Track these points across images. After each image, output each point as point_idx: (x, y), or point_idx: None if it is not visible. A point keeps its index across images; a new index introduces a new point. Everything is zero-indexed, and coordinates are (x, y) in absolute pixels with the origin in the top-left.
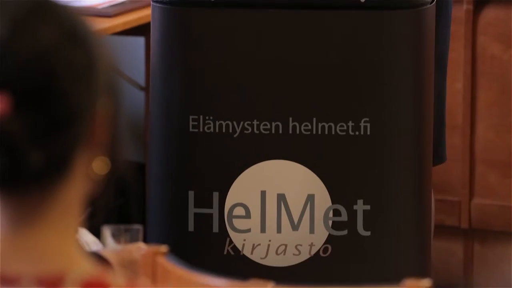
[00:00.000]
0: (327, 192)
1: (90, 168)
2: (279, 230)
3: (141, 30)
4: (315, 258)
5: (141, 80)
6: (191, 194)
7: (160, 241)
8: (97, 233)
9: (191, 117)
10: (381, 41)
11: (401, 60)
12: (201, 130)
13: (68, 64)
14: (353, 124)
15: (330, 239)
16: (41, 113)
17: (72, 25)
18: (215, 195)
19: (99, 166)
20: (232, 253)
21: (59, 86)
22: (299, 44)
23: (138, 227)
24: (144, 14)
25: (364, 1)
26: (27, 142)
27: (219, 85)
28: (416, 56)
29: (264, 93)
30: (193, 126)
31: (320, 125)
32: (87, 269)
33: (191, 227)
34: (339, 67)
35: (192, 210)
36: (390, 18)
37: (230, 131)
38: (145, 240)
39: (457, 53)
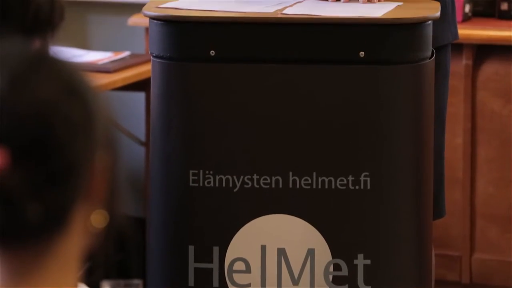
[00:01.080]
0: (327, 247)
1: (89, 222)
2: (279, 284)
3: (141, 85)
4: None
5: (141, 135)
6: (191, 248)
7: None
8: None
9: (191, 171)
10: (380, 96)
11: (401, 114)
12: (201, 184)
13: (66, 118)
14: (353, 178)
15: None
16: (39, 167)
17: (71, 79)
18: (215, 249)
19: (98, 219)
20: None
21: (57, 140)
22: (298, 98)
23: (138, 282)
24: (144, 70)
25: (364, 55)
26: (25, 196)
27: (219, 139)
28: (415, 110)
29: (264, 147)
30: (193, 181)
31: (320, 179)
32: None
33: (191, 282)
34: (339, 121)
35: (192, 264)
36: (389, 73)
37: (230, 185)
38: None
39: (456, 108)
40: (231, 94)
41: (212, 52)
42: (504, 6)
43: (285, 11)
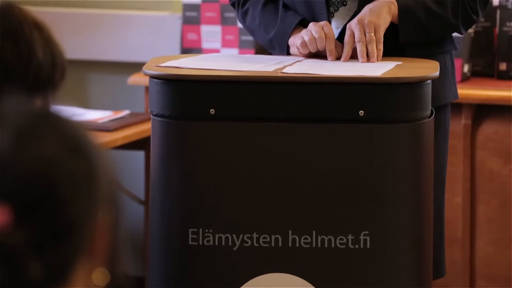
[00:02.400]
0: None
1: (90, 280)
2: None
3: (140, 144)
4: None
5: (141, 194)
6: None
7: None
8: None
9: (190, 230)
10: (380, 155)
11: (400, 173)
12: (200, 243)
13: (69, 176)
14: (352, 237)
15: None
16: (41, 225)
17: (73, 137)
18: None
19: (99, 277)
20: None
21: (60, 199)
22: (298, 156)
23: None
24: (144, 128)
25: (363, 114)
26: (27, 254)
27: (219, 197)
28: (415, 169)
29: (264, 205)
30: (193, 239)
31: (320, 238)
32: None
33: None
34: (338, 180)
35: None
36: (388, 132)
37: (230, 244)
38: None
39: (456, 167)
40: (231, 153)
41: (212, 111)
42: (503, 67)
43: (284, 70)
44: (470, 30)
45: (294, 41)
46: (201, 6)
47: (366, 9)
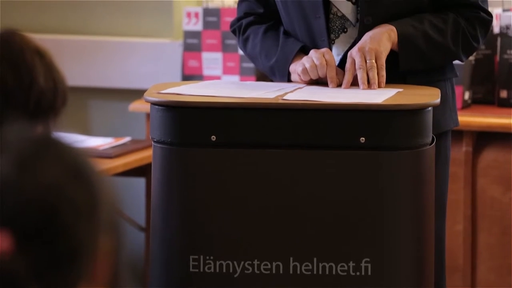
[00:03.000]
0: None
1: None
2: None
3: (141, 171)
4: None
5: (142, 221)
6: None
7: None
8: None
9: (191, 257)
10: (381, 182)
11: (401, 200)
12: (201, 270)
13: (70, 202)
14: (354, 264)
15: None
16: (43, 251)
17: (75, 163)
18: None
19: None
20: None
21: (61, 225)
22: (299, 183)
23: None
24: (144, 155)
25: (364, 141)
26: (28, 281)
27: (220, 224)
28: (416, 196)
29: (265, 232)
30: (194, 266)
31: (321, 265)
32: None
33: None
34: (339, 207)
35: None
36: (389, 159)
37: (231, 271)
38: None
39: (457, 195)
40: (232, 179)
41: (213, 137)
42: (504, 94)
43: (285, 97)
44: (471, 58)
45: (295, 68)
46: (202, 33)
47: (366, 36)
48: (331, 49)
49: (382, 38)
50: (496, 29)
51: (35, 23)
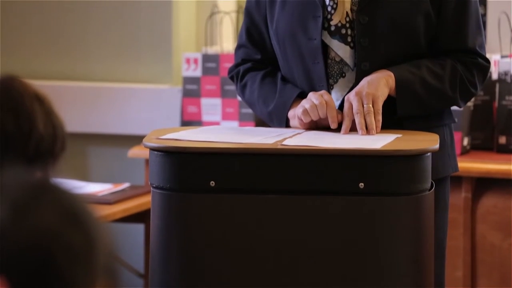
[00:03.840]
0: None
1: None
2: None
3: (140, 217)
4: None
5: (140, 267)
6: None
7: None
8: None
9: None
10: (380, 227)
11: (400, 246)
12: None
13: (67, 247)
14: None
15: None
16: None
17: (72, 208)
18: None
19: None
20: None
21: (58, 269)
22: (298, 229)
23: None
24: (143, 201)
25: (363, 187)
26: None
27: (219, 271)
28: (415, 242)
29: (264, 278)
30: None
31: None
32: None
33: None
34: (338, 252)
35: None
36: (388, 204)
37: None
38: None
39: (456, 241)
40: (232, 225)
41: (212, 183)
42: (502, 140)
43: (284, 142)
44: (469, 104)
45: (295, 113)
46: (201, 79)
47: (364, 81)
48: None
49: (380, 83)
50: (494, 75)
51: (34, 69)
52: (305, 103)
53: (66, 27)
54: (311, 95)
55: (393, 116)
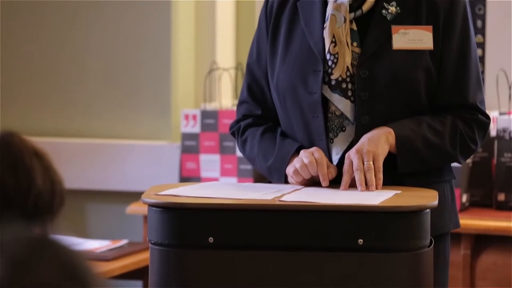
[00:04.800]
0: None
1: None
2: None
3: (138, 273)
4: None
5: None
6: None
7: None
8: None
9: None
10: (379, 284)
11: None
12: None
13: None
14: None
15: None
16: None
17: (71, 265)
18: None
19: None
20: None
21: None
22: (297, 285)
23: None
24: (141, 258)
25: (362, 243)
26: None
27: None
28: None
29: None
30: None
31: None
32: None
33: None
34: None
35: None
36: (387, 261)
37: None
38: None
39: None
40: (230, 281)
41: (211, 239)
42: (501, 197)
43: (283, 198)
44: (468, 160)
45: (288, 170)
46: (200, 135)
47: (364, 138)
48: (330, 149)
49: (380, 141)
50: (493, 132)
51: (33, 125)
52: (296, 163)
53: (65, 83)
54: (302, 154)
55: (394, 173)
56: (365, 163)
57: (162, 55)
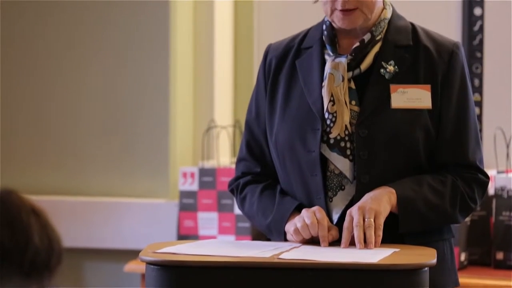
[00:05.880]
0: None
1: None
2: None
3: None
4: None
5: None
6: None
7: None
8: None
9: None
10: None
11: None
12: None
13: None
14: None
15: None
16: None
17: None
18: None
19: None
20: None
21: None
22: None
23: None
24: None
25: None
26: None
27: None
28: None
29: None
30: None
31: None
32: None
33: None
34: None
35: None
36: None
37: None
38: None
39: None
40: None
41: None
42: (500, 256)
43: (281, 256)
44: (467, 219)
45: (288, 227)
46: (198, 193)
47: (367, 196)
48: (329, 207)
49: (383, 200)
50: (491, 190)
51: (31, 183)
52: (297, 222)
53: (63, 142)
54: (303, 213)
55: (394, 232)
56: (366, 220)
57: (160, 112)
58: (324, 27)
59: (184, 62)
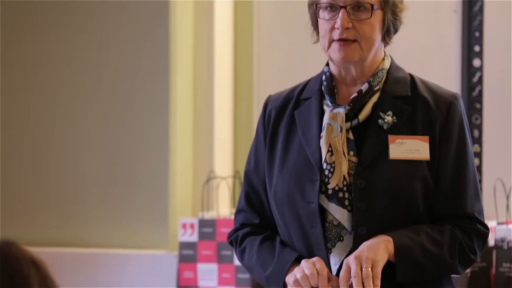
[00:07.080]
0: None
1: None
2: None
3: None
4: None
5: None
6: None
7: None
8: None
9: None
10: None
11: None
12: None
13: None
14: None
15: None
16: None
17: None
18: None
19: None
20: None
21: None
22: None
23: None
24: None
25: None
26: None
27: None
28: None
29: None
30: None
31: None
32: None
33: None
34: None
35: None
36: None
37: None
38: None
39: None
40: None
41: None
42: None
43: None
44: (467, 270)
45: (288, 279)
46: (197, 244)
47: (364, 246)
48: (328, 258)
49: (380, 248)
50: (491, 242)
51: (31, 235)
52: (297, 273)
53: (63, 194)
54: (303, 264)
55: (392, 282)
56: (363, 269)
57: (160, 163)
58: (323, 77)
59: (184, 112)
